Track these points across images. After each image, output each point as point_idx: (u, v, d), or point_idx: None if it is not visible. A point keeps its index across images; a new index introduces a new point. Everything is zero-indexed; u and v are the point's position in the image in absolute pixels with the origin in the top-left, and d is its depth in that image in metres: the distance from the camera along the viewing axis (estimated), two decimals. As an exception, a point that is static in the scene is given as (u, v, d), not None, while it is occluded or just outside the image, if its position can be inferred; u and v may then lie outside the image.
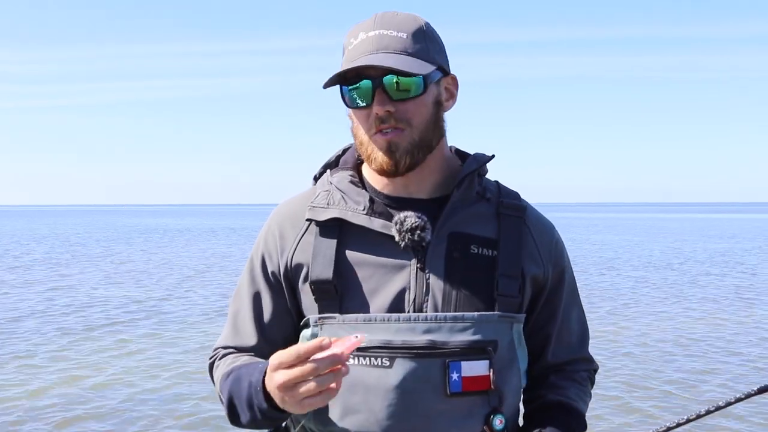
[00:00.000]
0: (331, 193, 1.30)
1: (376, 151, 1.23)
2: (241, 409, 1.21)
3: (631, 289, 13.98)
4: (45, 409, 6.27)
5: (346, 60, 1.23)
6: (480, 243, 1.27)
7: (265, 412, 1.16)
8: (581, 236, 35.02)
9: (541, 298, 1.34)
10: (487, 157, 1.34)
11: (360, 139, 1.26)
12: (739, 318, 10.74)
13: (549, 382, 1.36)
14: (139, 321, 10.91)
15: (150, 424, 5.90)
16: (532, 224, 1.34)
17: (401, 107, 1.21)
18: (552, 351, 1.37)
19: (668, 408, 6.19)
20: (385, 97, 1.21)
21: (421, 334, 1.19)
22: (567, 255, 1.40)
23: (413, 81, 1.21)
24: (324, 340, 1.04)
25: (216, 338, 1.40)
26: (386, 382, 1.18)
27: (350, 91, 1.23)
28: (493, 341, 1.21)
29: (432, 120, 1.25)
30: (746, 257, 21.94)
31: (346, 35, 1.27)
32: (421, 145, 1.24)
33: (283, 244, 1.30)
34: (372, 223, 1.25)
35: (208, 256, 23.77)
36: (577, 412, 1.32)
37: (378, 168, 1.25)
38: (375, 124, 1.22)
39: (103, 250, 27.55)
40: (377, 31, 1.22)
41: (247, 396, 1.18)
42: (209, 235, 40.04)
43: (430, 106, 1.25)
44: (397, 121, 1.21)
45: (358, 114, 1.25)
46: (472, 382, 1.19)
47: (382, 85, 1.20)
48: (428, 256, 1.24)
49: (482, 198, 1.32)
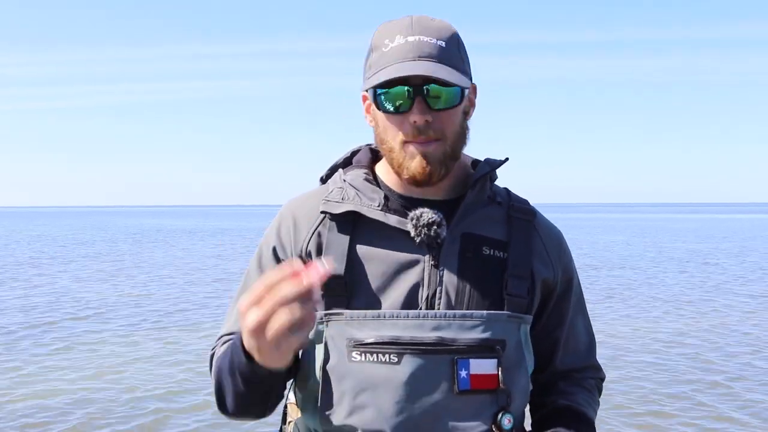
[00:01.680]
0: (345, 189, 1.31)
1: (409, 160, 1.23)
2: (226, 383, 1.16)
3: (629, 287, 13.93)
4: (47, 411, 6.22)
5: (381, 62, 1.22)
6: (491, 245, 1.28)
7: (246, 375, 1.09)
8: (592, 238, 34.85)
9: (550, 302, 1.36)
10: (499, 161, 1.36)
11: (389, 145, 1.25)
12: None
13: (557, 389, 1.37)
14: (138, 319, 10.84)
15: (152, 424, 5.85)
16: (541, 228, 1.36)
17: (438, 117, 1.22)
18: (560, 358, 1.38)
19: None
20: (425, 106, 1.20)
21: (429, 330, 1.19)
22: (574, 264, 1.42)
23: (453, 91, 1.21)
24: (294, 261, 0.97)
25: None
26: (394, 378, 1.18)
27: (386, 95, 1.22)
28: (501, 340, 1.22)
29: (462, 131, 1.27)
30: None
31: (378, 34, 1.25)
32: (453, 156, 1.25)
33: (297, 236, 1.30)
34: (387, 218, 1.26)
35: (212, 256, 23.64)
36: (586, 418, 1.32)
37: (410, 177, 1.24)
38: (412, 132, 1.21)
39: (109, 248, 27.39)
40: (417, 37, 1.21)
41: (230, 359, 1.13)
42: (218, 234, 39.89)
43: (460, 117, 1.26)
44: (434, 131, 1.21)
45: (392, 119, 1.23)
46: (481, 380, 1.20)
47: (423, 94, 1.20)
48: (442, 253, 1.25)
49: (493, 201, 1.33)
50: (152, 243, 34.11)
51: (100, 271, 19.61)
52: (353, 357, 1.20)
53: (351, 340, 1.20)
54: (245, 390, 1.15)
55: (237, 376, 1.13)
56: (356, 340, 1.20)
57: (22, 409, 6.34)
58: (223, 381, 1.18)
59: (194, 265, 21.27)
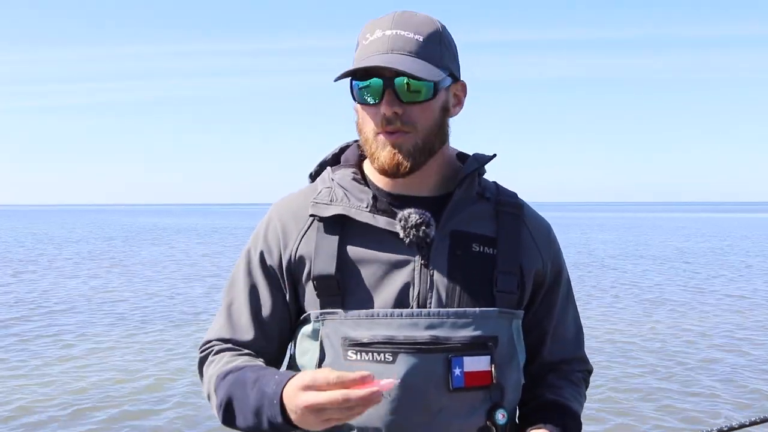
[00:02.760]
0: (334, 190, 1.31)
1: (380, 151, 1.24)
2: (242, 414, 1.20)
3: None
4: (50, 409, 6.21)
5: (360, 56, 1.24)
6: (481, 241, 1.29)
7: (277, 425, 1.15)
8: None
9: (539, 294, 1.37)
10: (487, 157, 1.36)
11: (365, 135, 1.27)
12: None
13: (546, 382, 1.38)
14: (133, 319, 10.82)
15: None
16: (529, 221, 1.36)
17: (409, 110, 1.22)
18: (549, 349, 1.39)
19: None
20: (394, 99, 1.21)
21: (423, 329, 1.20)
22: (563, 255, 1.43)
23: (423, 85, 1.22)
24: (368, 374, 1.04)
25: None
26: (389, 377, 1.17)
27: (360, 88, 1.24)
28: (493, 337, 1.23)
29: (437, 125, 1.27)
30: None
31: (362, 30, 1.27)
32: (424, 149, 1.25)
33: (285, 240, 1.30)
34: (376, 220, 1.26)
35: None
36: (572, 412, 1.33)
37: (380, 167, 1.25)
38: (381, 123, 1.23)
39: (107, 247, 27.23)
40: (394, 31, 1.22)
41: (256, 404, 1.17)
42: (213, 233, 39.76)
43: (437, 112, 1.26)
44: (403, 123, 1.22)
45: (366, 110, 1.26)
46: (475, 377, 1.21)
47: (392, 86, 1.21)
48: (432, 253, 1.25)
49: (482, 197, 1.34)
50: (145, 240, 33.89)
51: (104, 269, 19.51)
52: (349, 356, 1.21)
53: (346, 340, 1.21)
54: (269, 429, 1.17)
55: (264, 420, 1.16)
56: (351, 339, 1.21)
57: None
58: (238, 411, 1.21)
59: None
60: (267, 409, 1.15)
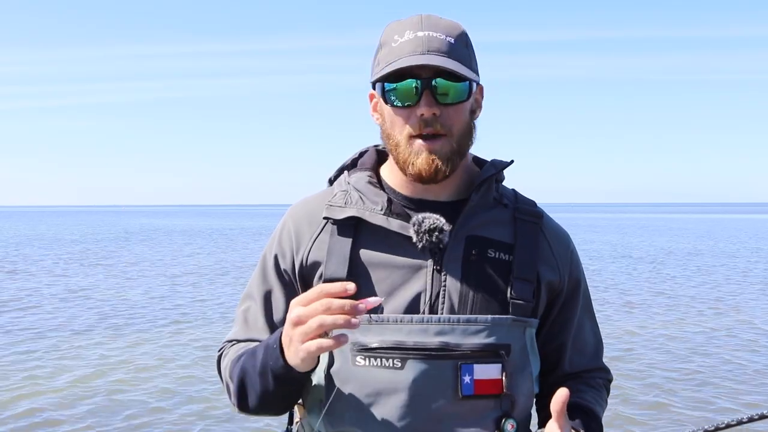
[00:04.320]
0: (349, 193, 1.30)
1: (415, 156, 1.22)
2: (252, 383, 1.21)
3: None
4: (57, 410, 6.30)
5: (390, 57, 1.22)
6: (497, 247, 1.27)
7: (277, 371, 1.15)
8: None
9: (556, 306, 1.34)
10: (505, 163, 1.34)
11: (396, 140, 1.24)
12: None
13: (565, 387, 1.35)
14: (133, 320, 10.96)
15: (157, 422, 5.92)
16: (548, 231, 1.34)
17: (445, 112, 1.21)
18: (567, 361, 1.37)
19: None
20: (433, 99, 1.20)
21: (433, 335, 1.19)
22: (582, 266, 1.40)
23: (461, 86, 1.21)
24: (350, 284, 1.06)
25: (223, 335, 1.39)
26: (398, 383, 1.18)
27: (393, 89, 1.22)
28: (506, 345, 1.21)
29: (469, 128, 1.26)
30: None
31: (387, 31, 1.25)
32: (459, 153, 1.24)
33: (298, 243, 1.30)
34: (390, 223, 1.25)
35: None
36: (594, 415, 1.31)
37: (416, 173, 1.23)
38: (419, 125, 1.21)
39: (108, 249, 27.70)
40: (426, 32, 1.21)
41: (263, 360, 1.18)
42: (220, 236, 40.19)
43: (467, 114, 1.25)
44: (441, 126, 1.21)
45: (399, 113, 1.23)
46: (485, 385, 1.19)
47: (431, 87, 1.19)
48: (445, 258, 1.24)
49: (499, 203, 1.32)
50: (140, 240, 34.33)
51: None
52: (357, 361, 1.20)
53: (355, 345, 1.20)
54: (274, 388, 1.19)
55: (268, 374, 1.17)
56: (360, 344, 1.20)
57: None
58: (248, 380, 1.22)
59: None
60: (270, 359, 1.17)
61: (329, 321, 1.04)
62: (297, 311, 1.08)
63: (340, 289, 1.06)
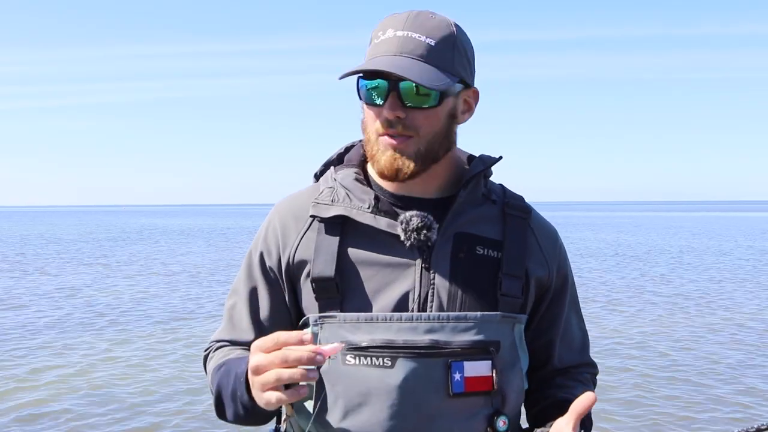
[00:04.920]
0: (336, 190, 1.29)
1: (380, 153, 1.22)
2: (227, 402, 1.21)
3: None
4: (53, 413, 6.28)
5: (370, 55, 1.22)
6: (485, 244, 1.26)
7: (245, 404, 1.15)
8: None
9: (544, 301, 1.34)
10: (493, 158, 1.33)
11: (368, 135, 1.25)
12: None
13: (555, 383, 1.36)
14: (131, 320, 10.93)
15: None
16: (536, 227, 1.34)
17: (412, 115, 1.20)
18: (556, 356, 1.37)
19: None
20: (398, 102, 1.19)
21: (423, 333, 1.18)
22: (569, 262, 1.40)
23: (429, 92, 1.19)
24: (306, 335, 1.04)
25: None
26: (388, 382, 1.17)
27: (368, 88, 1.22)
28: (495, 342, 1.21)
29: (442, 132, 1.24)
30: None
31: (378, 25, 1.24)
32: (426, 156, 1.22)
33: (284, 240, 1.29)
34: (377, 221, 1.24)
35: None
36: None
37: (380, 170, 1.23)
38: (383, 125, 1.21)
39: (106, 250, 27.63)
40: (405, 32, 1.19)
41: (232, 387, 1.18)
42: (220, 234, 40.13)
43: (442, 119, 1.23)
44: (405, 128, 1.20)
45: (371, 110, 1.23)
46: (475, 382, 1.19)
47: (397, 89, 1.19)
48: (434, 256, 1.23)
49: (488, 199, 1.31)
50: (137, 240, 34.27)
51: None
52: (347, 360, 1.19)
53: (345, 344, 1.19)
54: (244, 415, 1.20)
55: (238, 403, 1.18)
56: (350, 343, 1.19)
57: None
58: (224, 399, 1.22)
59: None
60: (238, 389, 1.17)
61: (285, 376, 1.03)
62: (256, 359, 1.06)
63: (296, 341, 1.03)
